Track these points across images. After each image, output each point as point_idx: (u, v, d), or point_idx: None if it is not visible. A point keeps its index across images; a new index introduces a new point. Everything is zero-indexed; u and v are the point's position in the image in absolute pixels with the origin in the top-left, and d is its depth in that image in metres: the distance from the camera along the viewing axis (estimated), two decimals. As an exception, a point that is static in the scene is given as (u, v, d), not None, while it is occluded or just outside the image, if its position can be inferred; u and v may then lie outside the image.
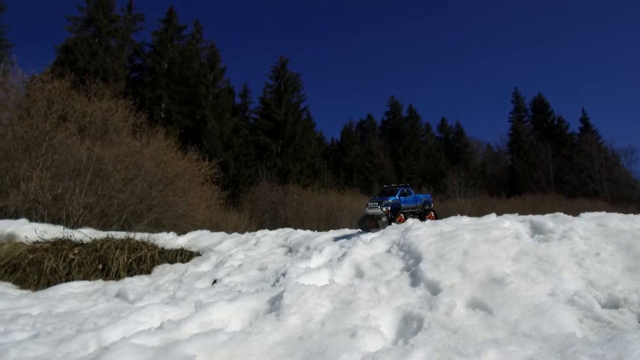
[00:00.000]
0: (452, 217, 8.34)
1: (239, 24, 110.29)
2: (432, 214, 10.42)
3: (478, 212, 10.91)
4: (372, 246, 6.86)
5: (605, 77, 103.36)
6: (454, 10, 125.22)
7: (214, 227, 18.53)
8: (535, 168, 55.29)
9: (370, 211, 9.69)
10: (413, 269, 5.58)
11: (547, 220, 6.99)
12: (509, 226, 6.73)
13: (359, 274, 5.98)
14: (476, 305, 4.48)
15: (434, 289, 4.95)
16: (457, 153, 63.10)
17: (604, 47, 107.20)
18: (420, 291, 5.04)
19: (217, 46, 49.84)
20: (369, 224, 9.61)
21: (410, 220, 8.90)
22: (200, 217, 22.78)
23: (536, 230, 6.73)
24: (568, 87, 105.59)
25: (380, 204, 9.56)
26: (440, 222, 7.74)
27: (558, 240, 5.95)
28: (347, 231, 10.63)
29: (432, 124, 68.51)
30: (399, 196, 10.03)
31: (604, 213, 7.41)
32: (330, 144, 65.46)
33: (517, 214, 8.29)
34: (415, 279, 5.32)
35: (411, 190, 10.80)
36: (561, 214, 7.50)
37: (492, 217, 7.79)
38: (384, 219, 9.36)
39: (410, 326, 4.21)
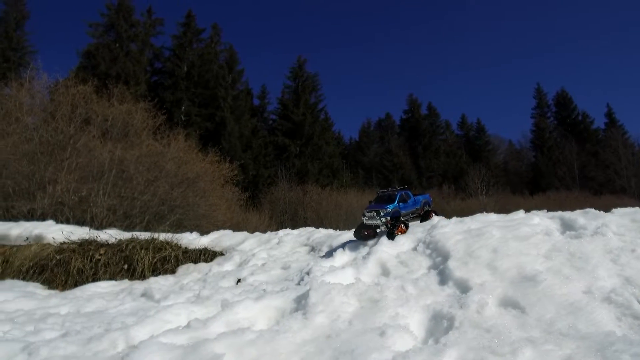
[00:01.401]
0: (478, 214, 8.16)
1: (257, 24, 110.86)
2: (433, 215, 9.65)
3: (501, 210, 10.35)
4: (397, 244, 6.77)
5: (630, 70, 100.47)
6: (473, 5, 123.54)
7: (235, 228, 18.62)
8: (560, 165, 54.04)
9: (368, 222, 8.70)
10: (441, 267, 5.48)
11: (578, 216, 6.80)
12: (538, 223, 6.55)
13: (385, 272, 5.90)
14: (508, 303, 4.37)
15: (464, 287, 4.84)
16: (478, 151, 62.13)
17: (628, 39, 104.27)
18: (449, 289, 4.94)
19: (235, 48, 50.22)
20: (367, 233, 8.77)
21: (435, 218, 8.74)
22: (221, 217, 22.92)
23: (567, 226, 6.54)
24: (592, 82, 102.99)
25: (378, 213, 8.53)
26: (466, 219, 7.58)
27: (591, 236, 5.77)
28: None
29: (452, 121, 67.77)
30: (398, 202, 8.94)
31: (637, 209, 7.17)
32: (349, 144, 65.21)
33: (545, 210, 8.06)
34: (444, 277, 5.22)
35: (410, 193, 9.72)
36: (592, 210, 7.27)
37: (521, 213, 7.61)
38: (382, 228, 8.56)
39: (440, 325, 4.12)
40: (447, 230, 6.60)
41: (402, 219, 8.75)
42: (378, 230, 8.64)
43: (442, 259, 5.70)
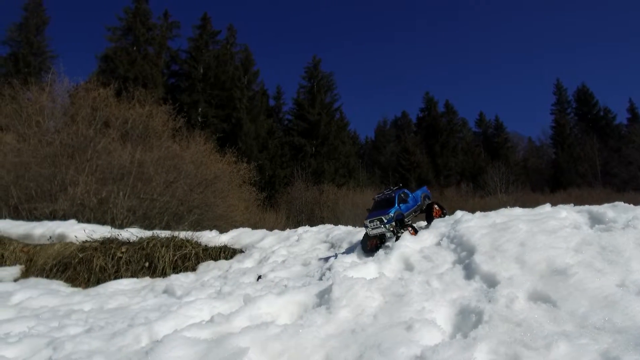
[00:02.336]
0: (502, 209, 8.00)
1: (271, 24, 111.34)
2: (436, 206, 8.95)
3: (521, 207, 10.00)
4: (420, 239, 6.67)
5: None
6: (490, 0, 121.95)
7: (252, 228, 18.64)
8: (581, 161, 53.01)
9: (372, 232, 8.13)
10: (466, 261, 5.37)
11: (607, 209, 6.61)
12: (566, 216, 6.38)
13: (409, 267, 5.81)
14: (538, 297, 4.25)
15: (491, 282, 4.72)
16: (497, 148, 61.32)
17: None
18: (476, 284, 4.83)
19: (250, 49, 50.53)
20: (375, 243, 8.18)
21: (459, 213, 8.45)
22: (238, 218, 23.04)
23: (595, 220, 6.36)
24: (614, 76, 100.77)
25: (381, 221, 7.95)
26: (491, 213, 7.43)
27: (622, 229, 5.59)
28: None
29: (469, 119, 67.12)
30: (398, 204, 8.32)
31: (668, 202, 6.93)
32: (365, 143, 65.11)
33: (572, 204, 7.86)
34: (470, 271, 5.11)
35: (407, 191, 9.03)
36: (621, 203, 7.06)
37: (547, 207, 7.43)
38: (388, 235, 8.03)
39: (468, 319, 4.02)
40: (472, 224, 6.47)
41: (406, 220, 8.29)
42: (386, 237, 8.12)
43: (467, 254, 5.59)
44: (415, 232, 7.83)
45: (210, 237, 10.77)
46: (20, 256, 10.85)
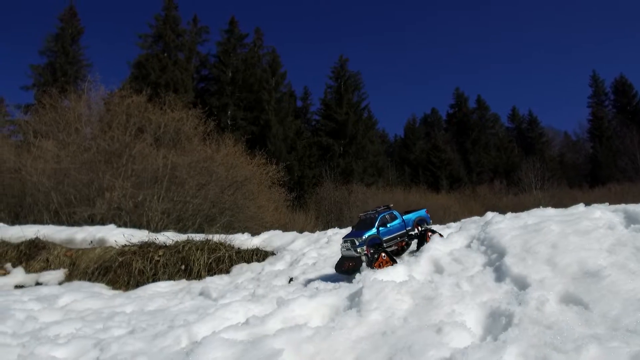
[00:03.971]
0: (534, 209, 7.90)
1: (297, 24, 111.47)
2: (431, 234, 7.78)
3: (557, 205, 9.71)
4: (450, 242, 6.68)
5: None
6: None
7: (282, 228, 18.94)
8: (620, 155, 50.98)
9: (345, 253, 7.55)
10: (497, 263, 5.37)
11: (644, 208, 6.43)
12: (600, 216, 6.26)
13: (438, 269, 5.85)
14: (570, 299, 4.23)
15: (522, 284, 4.72)
16: (531, 143, 59.76)
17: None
18: (506, 286, 4.83)
19: (277, 51, 51.06)
20: (350, 265, 7.45)
21: (489, 214, 8.31)
22: (268, 218, 23.39)
23: (631, 220, 6.21)
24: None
25: (353, 244, 7.31)
26: (522, 214, 7.35)
27: (659, 229, 5.45)
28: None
29: (502, 114, 65.66)
30: (377, 227, 7.52)
31: None
32: (394, 141, 64.62)
33: (607, 203, 7.68)
34: (500, 273, 5.11)
35: (396, 213, 8.13)
36: (659, 201, 6.85)
37: (580, 207, 7.29)
38: (363, 258, 7.28)
39: (498, 322, 4.05)
40: (502, 226, 6.43)
41: (384, 245, 7.46)
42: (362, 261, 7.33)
43: (497, 256, 5.57)
44: (390, 259, 7.11)
45: (243, 240, 11.04)
46: (63, 260, 11.41)
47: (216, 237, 10.77)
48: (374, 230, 7.51)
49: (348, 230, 11.25)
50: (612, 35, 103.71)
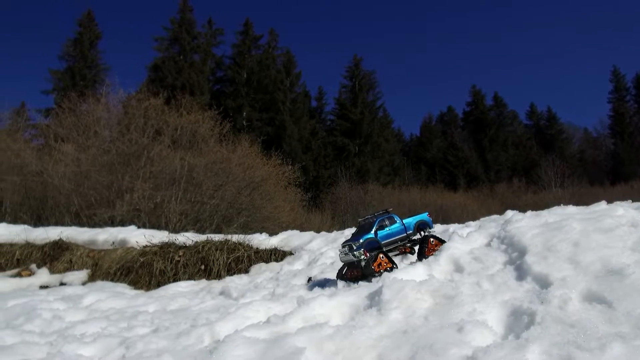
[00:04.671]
0: (555, 207, 7.80)
1: (311, 23, 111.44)
2: (432, 240, 7.52)
3: (578, 202, 9.50)
4: (469, 240, 6.64)
5: None
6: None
7: (298, 228, 19.02)
8: (643, 151, 50.02)
9: (343, 258, 7.33)
10: (517, 262, 5.33)
11: (669, 205, 6.32)
12: (622, 214, 6.16)
13: (458, 268, 5.83)
14: (593, 298, 4.18)
15: (543, 283, 4.68)
16: (551, 140, 58.83)
17: None
18: (528, 285, 4.80)
19: (291, 52, 51.30)
20: (353, 273, 7.25)
21: (509, 212, 8.21)
22: (285, 219, 23.52)
23: (656, 216, 6.09)
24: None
25: (351, 248, 7.08)
26: (543, 212, 7.26)
27: (684, 226, 5.35)
28: (437, 228, 10.27)
29: (520, 111, 64.73)
30: (375, 231, 7.31)
31: None
32: (410, 140, 64.31)
33: (629, 201, 7.56)
34: (521, 272, 5.08)
35: (395, 216, 7.88)
36: (684, 198, 6.72)
37: (602, 205, 7.19)
38: (363, 264, 7.03)
39: (520, 321, 4.03)
40: (523, 224, 6.37)
41: (384, 249, 7.24)
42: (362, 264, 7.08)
43: (518, 254, 5.53)
44: (390, 262, 6.91)
45: (261, 240, 11.14)
46: (86, 261, 11.68)
47: (235, 237, 10.90)
48: (371, 233, 7.34)
49: None
50: (633, 29, 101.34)
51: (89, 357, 4.74)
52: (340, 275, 7.40)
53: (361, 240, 7.10)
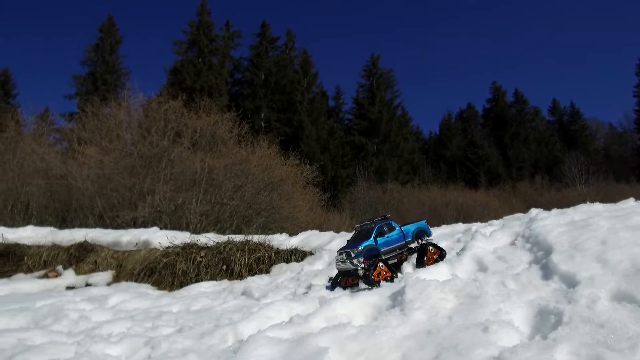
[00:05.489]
0: (581, 205, 7.65)
1: (329, 21, 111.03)
2: (431, 248, 7.15)
3: (604, 199, 9.18)
4: (493, 239, 6.56)
5: None
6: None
7: (317, 228, 19.03)
8: (670, 146, 48.55)
9: (340, 266, 6.97)
10: (543, 261, 5.24)
11: (701, 201, 6.12)
12: (652, 211, 6.00)
13: (482, 268, 5.76)
14: (622, 297, 4.07)
15: (570, 282, 4.59)
16: (574, 137, 57.62)
17: None
18: (554, 284, 4.72)
19: (308, 52, 51.42)
20: (348, 282, 6.97)
21: (534, 211, 8.03)
22: (303, 219, 23.56)
23: (687, 213, 5.91)
24: None
25: (349, 255, 6.73)
26: (568, 210, 7.12)
27: None
28: (459, 227, 10.15)
29: (542, 107, 63.48)
30: (374, 238, 6.99)
31: None
32: (429, 138, 63.70)
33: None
34: (547, 271, 4.99)
35: (394, 223, 7.59)
36: None
37: (631, 202, 7.02)
38: (360, 273, 6.68)
39: (547, 321, 3.96)
40: (548, 222, 6.26)
41: (383, 257, 6.90)
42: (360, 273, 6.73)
43: (544, 253, 5.44)
44: (389, 270, 6.57)
45: (281, 240, 11.17)
46: (110, 262, 11.89)
47: (255, 238, 10.95)
48: (371, 240, 6.97)
49: None
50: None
51: (115, 357, 4.82)
52: (335, 284, 7.11)
53: (360, 248, 6.75)
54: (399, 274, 6.75)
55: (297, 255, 10.46)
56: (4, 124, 22.98)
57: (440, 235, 9.15)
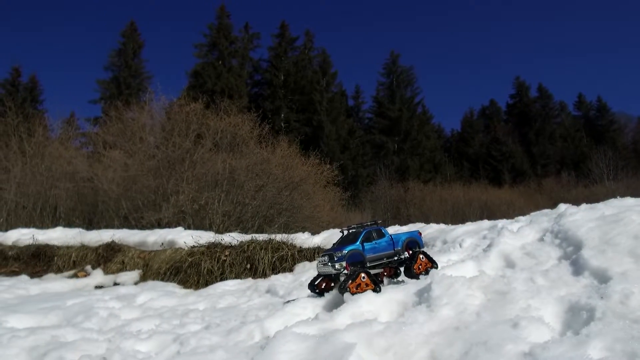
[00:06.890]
0: (611, 199, 7.46)
1: (348, 18, 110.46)
2: (422, 257, 6.48)
3: (634, 195, 8.85)
4: (520, 235, 6.45)
5: None
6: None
7: (339, 228, 19.14)
8: (703, 139, 46.86)
9: (321, 269, 6.31)
10: (573, 256, 5.14)
11: None
12: (686, 204, 5.81)
13: (510, 264, 5.68)
14: (657, 293, 3.96)
15: (602, 277, 4.50)
16: (601, 131, 56.18)
17: None
18: (585, 280, 4.63)
19: (327, 52, 51.49)
20: (324, 285, 6.33)
21: (562, 206, 7.79)
22: (325, 218, 23.62)
23: None
24: None
25: (331, 258, 6.08)
26: (598, 205, 6.94)
27: None
28: (485, 223, 9.97)
29: (567, 102, 62.10)
30: (361, 242, 6.30)
31: None
32: (451, 135, 63.01)
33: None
34: (577, 267, 4.90)
35: (385, 230, 6.85)
36: None
37: (664, 195, 6.81)
38: (341, 279, 5.96)
39: (579, 316, 3.89)
40: (578, 217, 6.13)
41: (367, 265, 6.13)
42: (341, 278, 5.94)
43: (574, 249, 5.33)
44: (370, 282, 5.58)
45: (304, 239, 11.23)
46: (137, 262, 12.15)
47: (278, 237, 11.03)
48: (357, 245, 6.26)
49: (407, 227, 11.09)
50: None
51: (145, 353, 4.92)
52: (312, 286, 6.43)
53: (344, 251, 6.07)
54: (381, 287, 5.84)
55: (319, 253, 10.49)
56: (32, 129, 23.72)
57: (466, 232, 9.04)
